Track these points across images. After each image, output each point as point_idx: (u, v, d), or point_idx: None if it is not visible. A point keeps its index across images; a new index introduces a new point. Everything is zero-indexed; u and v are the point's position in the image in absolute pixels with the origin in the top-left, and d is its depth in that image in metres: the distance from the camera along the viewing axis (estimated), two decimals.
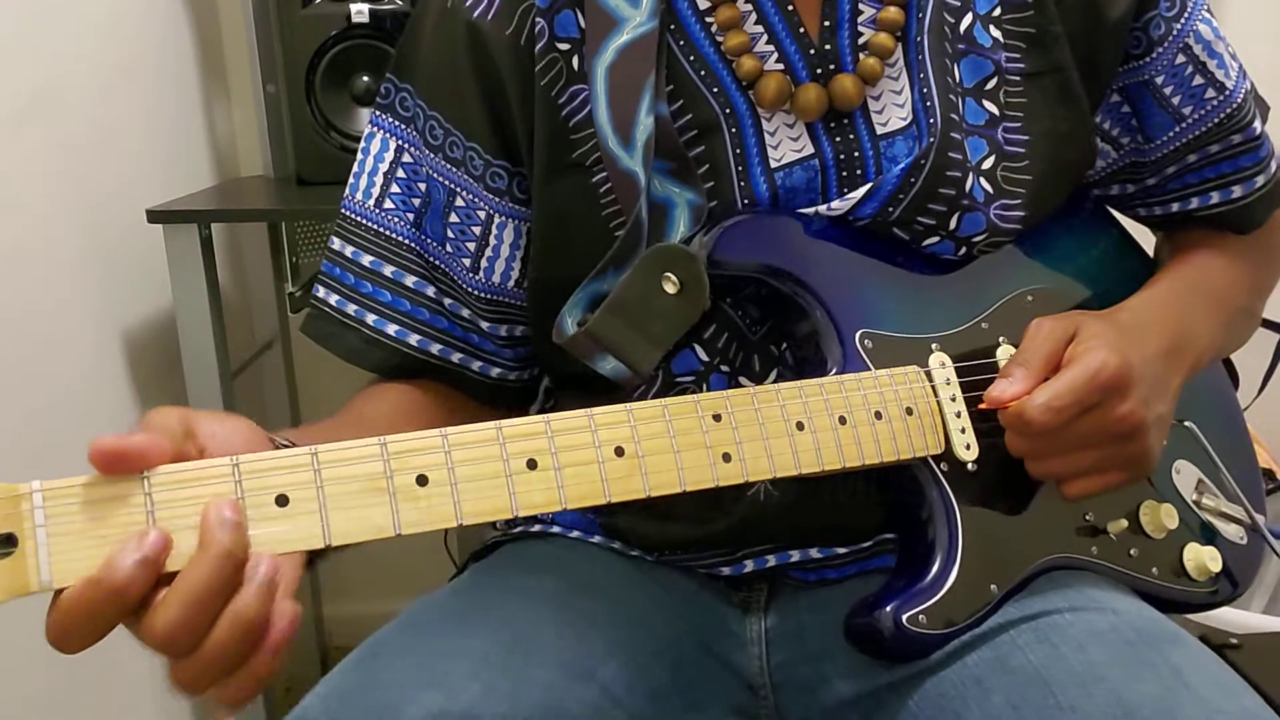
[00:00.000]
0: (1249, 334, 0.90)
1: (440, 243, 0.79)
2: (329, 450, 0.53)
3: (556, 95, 0.74)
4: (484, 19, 0.75)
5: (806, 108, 0.73)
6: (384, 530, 0.54)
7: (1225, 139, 0.81)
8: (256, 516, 0.51)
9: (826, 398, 0.67)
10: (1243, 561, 0.82)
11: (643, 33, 0.72)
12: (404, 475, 0.54)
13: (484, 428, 0.57)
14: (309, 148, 1.54)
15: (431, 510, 0.54)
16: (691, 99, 0.74)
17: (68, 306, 1.26)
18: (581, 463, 0.58)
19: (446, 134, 0.77)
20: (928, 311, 0.74)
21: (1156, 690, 0.62)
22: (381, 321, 0.80)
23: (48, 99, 1.23)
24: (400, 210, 0.80)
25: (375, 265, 0.80)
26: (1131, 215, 0.89)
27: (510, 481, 0.56)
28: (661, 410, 0.61)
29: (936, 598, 0.67)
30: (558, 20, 0.74)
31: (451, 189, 0.78)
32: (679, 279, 0.67)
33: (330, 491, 0.53)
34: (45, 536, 0.47)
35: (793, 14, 0.74)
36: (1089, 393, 0.66)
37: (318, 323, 0.82)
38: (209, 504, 0.50)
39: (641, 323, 0.68)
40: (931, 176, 0.72)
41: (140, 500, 0.49)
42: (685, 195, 0.72)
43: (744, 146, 0.74)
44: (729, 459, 0.62)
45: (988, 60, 0.75)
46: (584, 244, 0.73)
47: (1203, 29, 0.78)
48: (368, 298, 0.80)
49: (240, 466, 0.51)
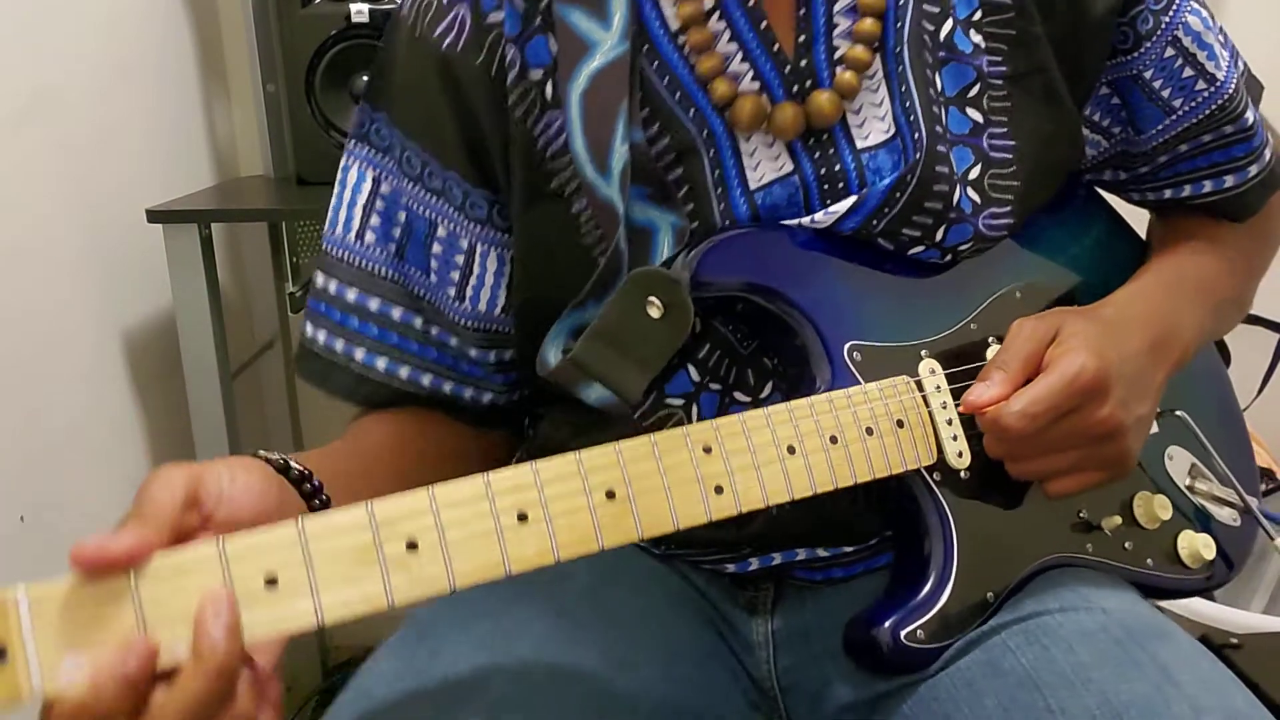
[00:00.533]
0: (1239, 319, 0.89)
1: (424, 272, 0.78)
2: (316, 522, 0.52)
3: (532, 125, 0.73)
4: (453, 49, 0.74)
5: (783, 128, 0.72)
6: (377, 602, 0.53)
7: (1217, 129, 0.80)
8: (246, 601, 0.50)
9: (817, 418, 0.66)
10: (1237, 543, 0.82)
11: (615, 57, 0.71)
12: (393, 543, 0.53)
13: (472, 482, 0.56)
14: (309, 147, 1.54)
15: (424, 577, 0.54)
16: (668, 122, 0.73)
17: (68, 306, 1.26)
18: (573, 510, 0.58)
19: (424, 164, 0.76)
20: (916, 317, 0.73)
21: (1144, 690, 0.62)
22: (371, 357, 0.79)
23: (48, 99, 1.23)
24: (381, 243, 0.78)
25: (361, 300, 0.79)
26: (1125, 199, 0.89)
27: (501, 539, 0.56)
28: (651, 447, 0.61)
29: (934, 611, 0.67)
30: (529, 47, 0.73)
31: (432, 219, 0.77)
32: (662, 302, 0.67)
33: (320, 567, 0.52)
34: (35, 647, 0.46)
35: (767, 31, 0.73)
36: (1066, 397, 0.66)
37: (308, 362, 0.81)
38: (200, 613, 0.48)
39: (627, 349, 0.67)
40: (918, 191, 0.71)
41: (127, 598, 0.48)
42: (667, 218, 0.72)
43: (723, 168, 0.73)
44: (721, 491, 0.62)
45: (969, 67, 0.74)
46: (566, 271, 0.72)
47: (1192, 20, 0.77)
48: (355, 333, 0.79)
49: (227, 551, 0.50)
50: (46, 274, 1.21)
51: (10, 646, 0.46)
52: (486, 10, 0.74)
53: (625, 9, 0.72)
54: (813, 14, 0.74)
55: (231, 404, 1.43)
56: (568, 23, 0.72)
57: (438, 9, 0.75)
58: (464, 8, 0.74)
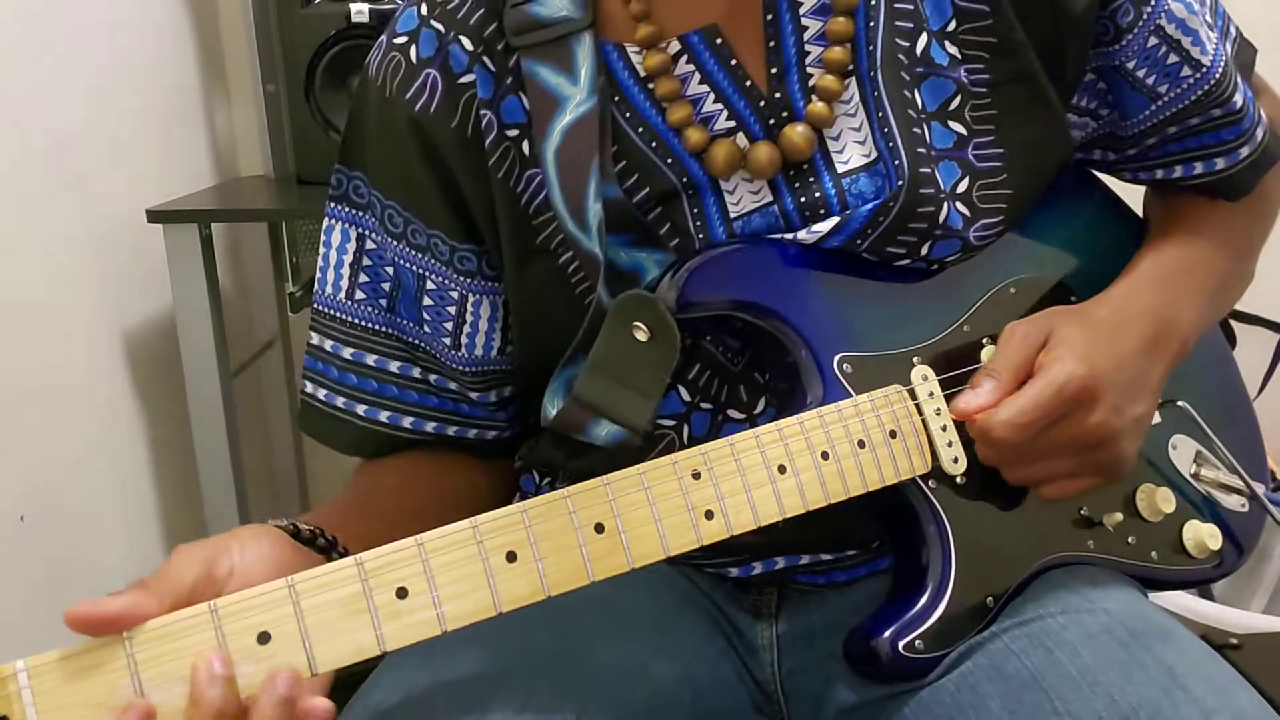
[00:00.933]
0: (1240, 295, 0.88)
1: (417, 324, 0.79)
2: (306, 579, 0.53)
3: (514, 184, 0.73)
4: (426, 112, 0.73)
5: (760, 169, 0.72)
6: (369, 651, 0.54)
7: (1205, 113, 0.79)
8: (240, 658, 0.51)
9: (807, 435, 0.66)
10: (1246, 529, 0.82)
11: (584, 112, 0.71)
12: (383, 592, 0.54)
13: (460, 528, 0.56)
14: (309, 147, 1.54)
15: (415, 623, 0.55)
16: (646, 172, 0.73)
17: (68, 306, 1.26)
18: (562, 548, 0.58)
19: (406, 221, 0.76)
20: (907, 323, 0.73)
21: (1151, 693, 0.62)
22: (373, 411, 0.80)
23: (48, 99, 1.23)
24: (372, 299, 0.79)
25: (357, 356, 0.80)
26: (1117, 178, 0.88)
27: (491, 580, 0.56)
28: (639, 478, 0.61)
29: (932, 620, 0.67)
30: (503, 107, 0.73)
31: (420, 274, 0.77)
32: (647, 325, 0.67)
33: (311, 621, 0.53)
34: (35, 715, 0.48)
35: (737, 68, 0.72)
36: (1054, 406, 0.66)
37: (312, 419, 0.82)
38: (196, 664, 0.50)
39: (626, 377, 0.67)
40: (901, 213, 0.71)
41: (123, 661, 0.50)
42: (654, 257, 0.72)
43: (702, 207, 0.73)
44: (712, 516, 0.62)
45: (948, 80, 0.73)
46: (563, 324, 0.72)
47: (1175, 7, 0.75)
48: (354, 389, 0.80)
49: (219, 611, 0.52)
50: (46, 274, 1.21)
51: (11, 715, 0.48)
52: (457, 72, 0.73)
53: (591, 62, 0.71)
54: (782, 45, 0.73)
55: (231, 404, 1.43)
56: (537, 79, 0.72)
57: (407, 71, 0.74)
58: (434, 70, 0.73)
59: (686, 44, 0.72)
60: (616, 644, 0.73)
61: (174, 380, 1.42)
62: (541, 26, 0.72)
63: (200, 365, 1.39)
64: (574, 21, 0.72)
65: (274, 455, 1.82)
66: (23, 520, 1.13)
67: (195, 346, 1.38)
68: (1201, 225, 0.82)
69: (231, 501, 1.45)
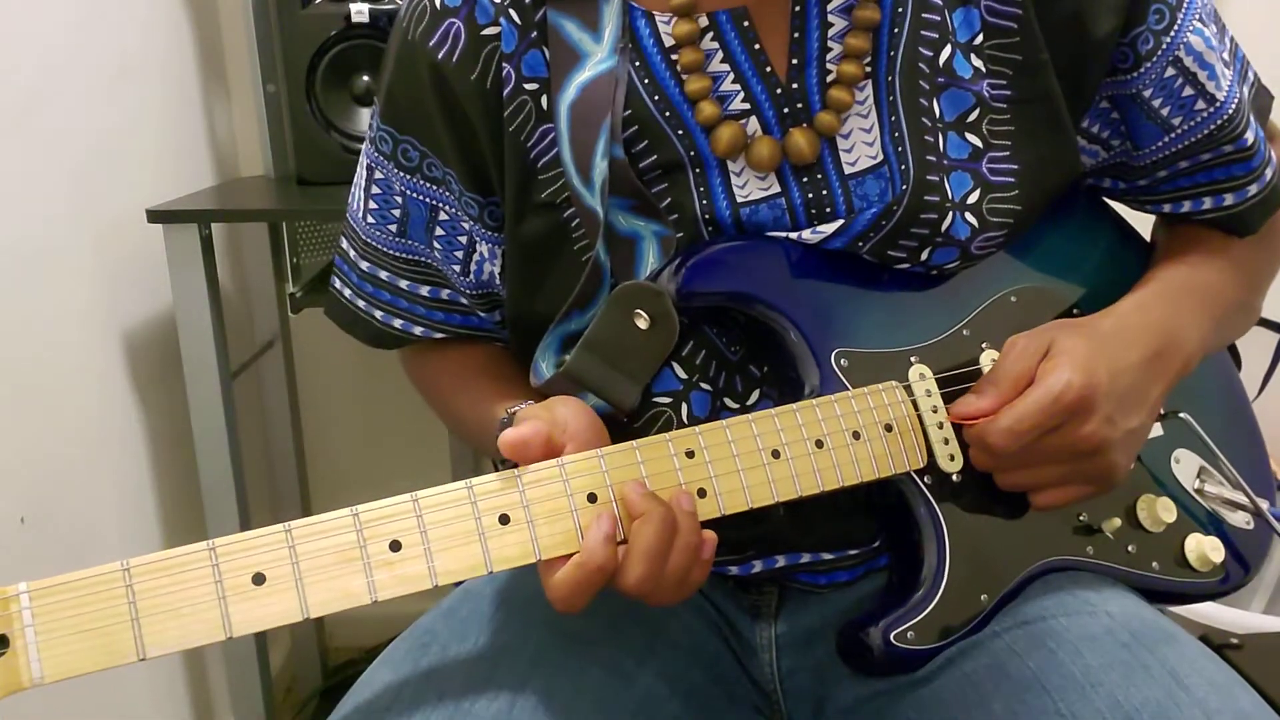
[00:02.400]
0: (1246, 328, 0.89)
1: (428, 247, 0.82)
2: (302, 526, 0.55)
3: (525, 139, 0.74)
4: (448, 62, 0.74)
5: (759, 162, 0.72)
6: (360, 598, 0.56)
7: (1216, 148, 0.80)
8: (234, 596, 0.53)
9: (802, 423, 0.67)
10: (1251, 546, 0.82)
11: (603, 70, 0.72)
12: (377, 543, 0.56)
13: (455, 488, 0.58)
14: (309, 147, 1.54)
15: (407, 576, 0.56)
16: (656, 139, 0.73)
17: (68, 306, 1.26)
18: (554, 514, 0.60)
19: (423, 155, 0.78)
20: (906, 323, 0.73)
21: (1154, 694, 0.62)
22: (388, 317, 0.85)
23: (48, 99, 1.23)
24: (380, 224, 0.83)
25: (372, 270, 0.85)
26: (1128, 206, 0.89)
27: (483, 540, 0.58)
28: (634, 452, 0.62)
29: (925, 613, 0.67)
30: (524, 61, 0.74)
31: (433, 205, 0.80)
32: (649, 314, 0.68)
33: (305, 566, 0.55)
34: (34, 635, 0.50)
35: (759, 53, 0.73)
36: (1050, 415, 0.67)
37: (337, 312, 0.87)
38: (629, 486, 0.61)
39: (617, 360, 0.69)
40: (904, 219, 0.71)
41: (121, 592, 0.51)
42: (651, 228, 0.72)
43: (708, 185, 0.73)
44: (704, 494, 0.63)
45: (968, 93, 0.74)
46: (559, 279, 0.74)
47: (1194, 40, 0.76)
48: (371, 297, 0.85)
49: (216, 550, 0.53)
50: (46, 274, 1.21)
51: (12, 637, 0.49)
52: (483, 22, 0.74)
53: (617, 22, 0.72)
54: (807, 38, 0.73)
55: (231, 404, 1.43)
56: (560, 33, 0.73)
57: (431, 18, 0.75)
58: (458, 20, 0.74)
59: (715, 21, 0.73)
60: (609, 643, 0.73)
61: (174, 380, 1.42)
62: None
63: (200, 365, 1.39)
64: None
65: (274, 455, 1.82)
66: (23, 521, 1.13)
67: (195, 346, 1.38)
68: (1211, 252, 0.82)
69: (231, 501, 1.45)
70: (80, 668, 0.50)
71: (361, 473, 1.94)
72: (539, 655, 0.70)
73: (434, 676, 0.68)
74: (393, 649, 0.74)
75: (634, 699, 0.70)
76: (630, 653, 0.73)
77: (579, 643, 0.72)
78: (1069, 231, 0.83)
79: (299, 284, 1.72)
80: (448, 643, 0.71)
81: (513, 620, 0.73)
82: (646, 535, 0.60)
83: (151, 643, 0.51)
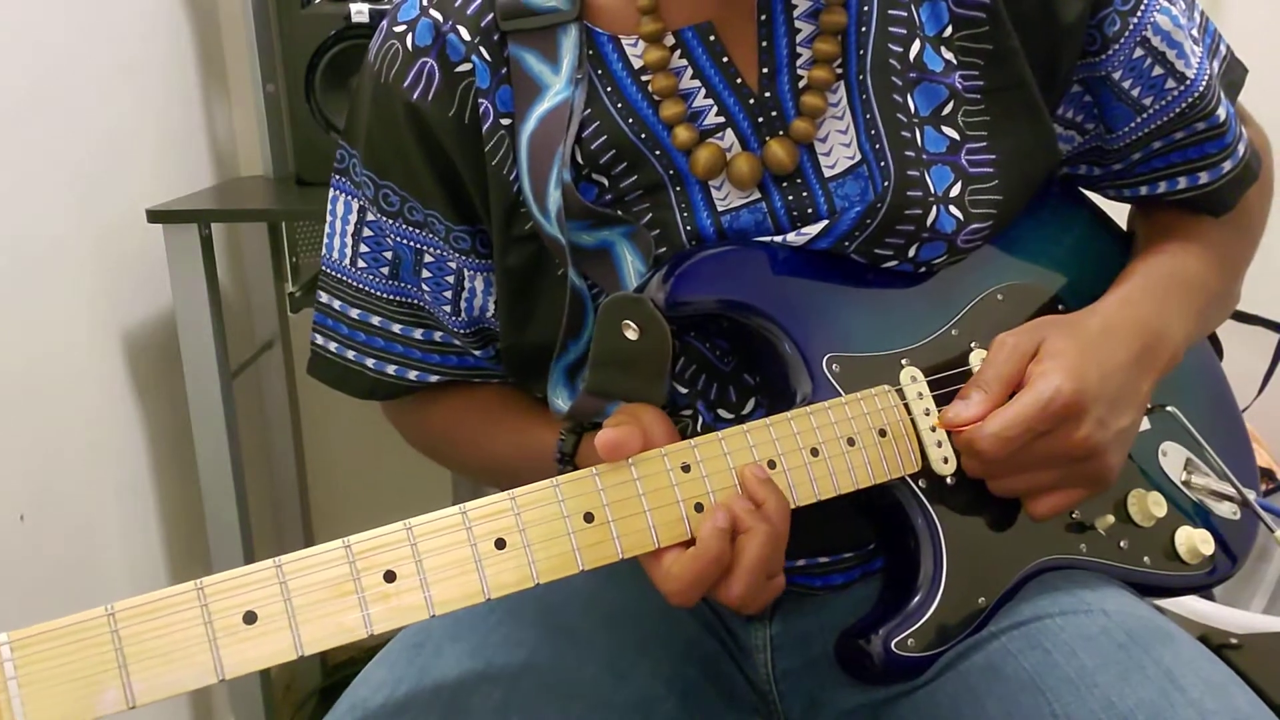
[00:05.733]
0: (1225, 315, 0.89)
1: (419, 290, 0.81)
2: (293, 560, 0.54)
3: (506, 172, 0.74)
4: (424, 101, 0.74)
5: (740, 179, 0.72)
6: (356, 633, 0.54)
7: (1189, 126, 0.79)
8: (224, 637, 0.51)
9: (796, 431, 0.66)
10: (1238, 537, 0.82)
11: (559, 101, 0.72)
12: (371, 574, 0.55)
13: (448, 513, 0.57)
14: (309, 147, 1.54)
15: (402, 607, 0.55)
16: (634, 162, 0.73)
17: (68, 306, 1.26)
18: (551, 536, 0.58)
19: (403, 200, 0.77)
20: (896, 326, 0.73)
21: (1149, 694, 0.62)
22: (380, 364, 0.83)
23: (48, 99, 1.23)
24: (373, 268, 0.81)
25: (363, 317, 0.83)
26: (1102, 195, 0.89)
27: (480, 566, 0.57)
28: (629, 469, 0.61)
29: (923, 620, 0.67)
30: (498, 96, 0.74)
31: (417, 248, 0.79)
32: (636, 323, 0.68)
33: (298, 603, 0.53)
34: (17, 688, 0.48)
35: (729, 65, 0.73)
36: (1040, 421, 0.66)
37: (323, 368, 0.86)
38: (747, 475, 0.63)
39: (628, 368, 0.68)
40: (888, 216, 0.71)
41: (107, 638, 0.50)
42: (618, 232, 0.72)
43: (689, 200, 0.73)
44: (701, 509, 0.62)
45: (940, 85, 0.74)
46: (547, 309, 0.74)
47: (1160, 20, 0.76)
48: (363, 346, 0.84)
49: (204, 590, 0.52)
50: (46, 274, 1.21)
51: None
52: (454, 60, 0.74)
53: (574, 53, 0.72)
54: (775, 45, 0.73)
55: (231, 404, 1.43)
56: (522, 66, 0.73)
57: (404, 60, 0.75)
58: (430, 59, 0.74)
59: (681, 39, 0.73)
60: (604, 643, 0.73)
61: (174, 380, 1.42)
62: (530, 14, 0.73)
63: (200, 365, 1.39)
64: (561, 13, 0.73)
65: (274, 455, 1.82)
66: (23, 520, 1.13)
67: (195, 346, 1.38)
68: (1189, 239, 0.82)
69: (231, 501, 1.45)
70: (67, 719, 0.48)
71: (361, 472, 1.94)
72: (534, 654, 0.70)
73: (429, 675, 0.68)
74: (389, 648, 0.74)
75: (630, 697, 0.70)
76: (626, 651, 0.73)
77: (574, 641, 0.72)
78: (1049, 226, 0.83)
79: (298, 284, 1.72)
80: (443, 641, 0.71)
81: (508, 619, 0.73)
82: (753, 550, 0.61)
83: (141, 690, 0.50)
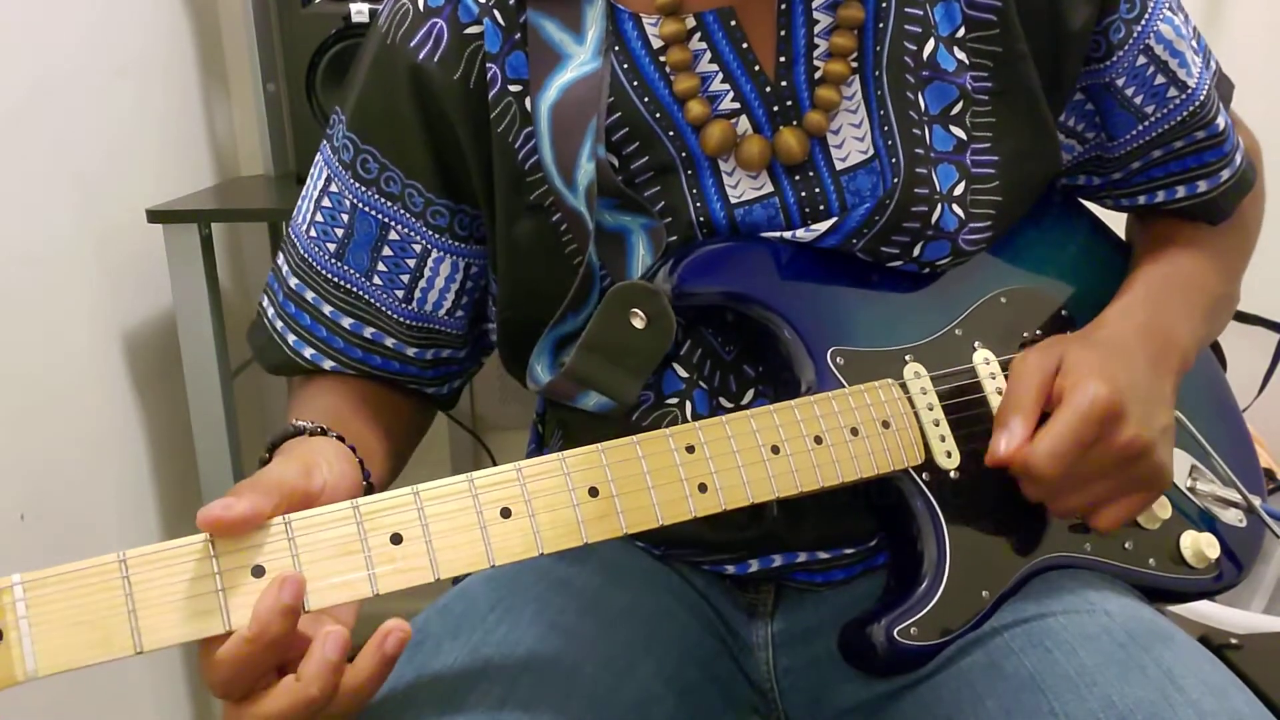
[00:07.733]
0: (1229, 318, 0.90)
1: (365, 275, 0.79)
2: (302, 518, 0.55)
3: (513, 140, 0.73)
4: (429, 61, 0.73)
5: (749, 161, 0.72)
6: (361, 592, 0.55)
7: (1189, 135, 0.80)
8: (233, 588, 0.52)
9: (800, 419, 0.66)
10: (1245, 544, 0.82)
11: (587, 72, 0.71)
12: (377, 535, 0.55)
13: (456, 481, 0.57)
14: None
15: (408, 569, 0.55)
16: (647, 141, 0.73)
17: (68, 306, 1.26)
18: (556, 507, 0.59)
19: (383, 168, 0.76)
20: (900, 323, 0.74)
21: (1148, 694, 0.62)
22: (300, 344, 0.81)
23: (48, 98, 1.23)
24: (320, 240, 0.79)
25: (299, 288, 0.81)
26: (1100, 205, 0.89)
27: (485, 532, 0.57)
28: (634, 447, 0.62)
29: (927, 609, 0.67)
30: (508, 62, 0.73)
31: (385, 222, 0.77)
32: (645, 314, 0.68)
33: (305, 559, 0.54)
34: (28, 627, 0.48)
35: (747, 51, 0.73)
36: (1086, 429, 0.66)
37: (254, 331, 0.84)
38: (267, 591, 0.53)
39: (618, 358, 0.69)
40: (896, 213, 0.72)
41: (118, 583, 0.50)
42: (639, 221, 0.72)
43: (700, 186, 0.73)
44: (705, 489, 0.63)
45: (952, 85, 0.74)
46: (551, 282, 0.73)
47: (1164, 29, 0.77)
48: (291, 318, 0.81)
49: (215, 544, 0.53)
50: (46, 274, 1.21)
51: (5, 629, 0.48)
52: (465, 21, 0.74)
53: (602, 24, 0.72)
54: (793, 35, 0.74)
55: (231, 404, 1.43)
56: (541, 33, 0.72)
57: (413, 19, 0.74)
58: (440, 19, 0.74)
59: (701, 22, 0.73)
60: (603, 641, 0.73)
61: (174, 380, 1.42)
62: None
63: (200, 365, 1.39)
64: None
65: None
66: (23, 520, 1.13)
67: (195, 346, 1.38)
68: (1187, 245, 0.83)
69: None
70: (75, 660, 0.49)
71: None
72: (532, 653, 0.70)
73: (427, 673, 0.68)
74: (426, 617, 0.74)
75: (628, 697, 0.70)
76: (625, 651, 0.73)
77: (573, 641, 0.72)
78: (1052, 234, 0.84)
79: None
80: (441, 640, 0.71)
81: (507, 618, 0.73)
82: None
83: (148, 635, 0.50)
